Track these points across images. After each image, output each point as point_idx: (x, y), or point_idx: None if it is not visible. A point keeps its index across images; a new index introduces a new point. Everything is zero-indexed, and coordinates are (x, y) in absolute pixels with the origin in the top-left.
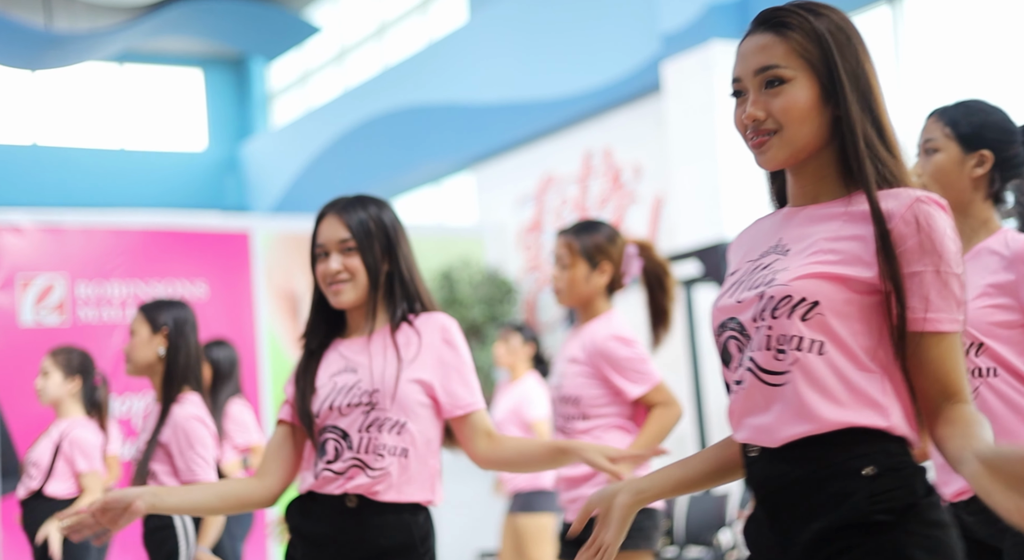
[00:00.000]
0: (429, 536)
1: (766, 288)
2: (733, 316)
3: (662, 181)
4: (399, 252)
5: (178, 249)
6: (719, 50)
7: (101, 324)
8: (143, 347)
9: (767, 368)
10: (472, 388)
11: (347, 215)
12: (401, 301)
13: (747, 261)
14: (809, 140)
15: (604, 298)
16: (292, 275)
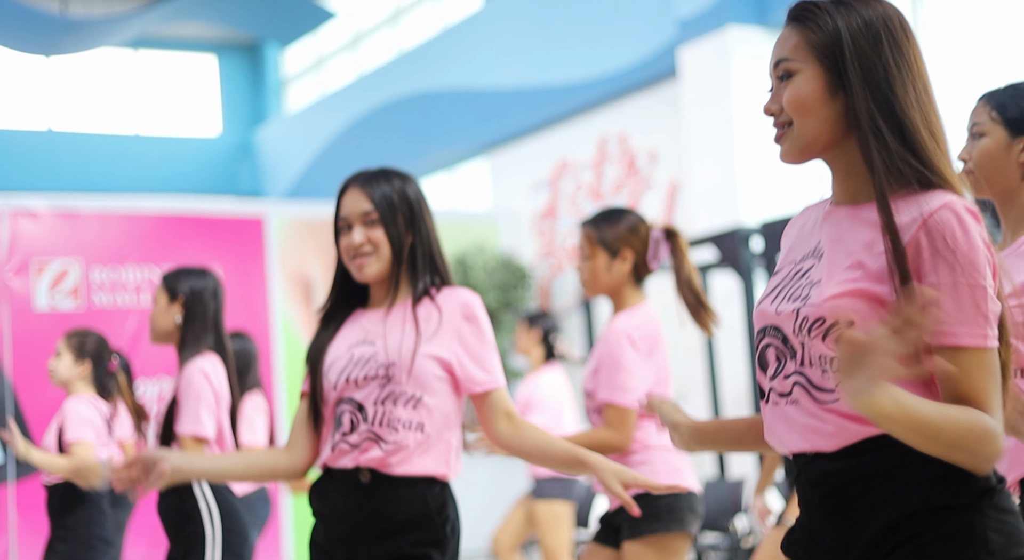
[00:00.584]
0: (446, 507)
1: (801, 306)
2: (774, 324)
3: (678, 167)
4: (423, 225)
5: (192, 234)
6: (736, 35)
7: (115, 309)
8: (162, 315)
9: (819, 385)
10: (490, 366)
11: (370, 188)
12: (424, 275)
13: (790, 261)
14: (818, 133)
15: (632, 286)
16: (306, 261)
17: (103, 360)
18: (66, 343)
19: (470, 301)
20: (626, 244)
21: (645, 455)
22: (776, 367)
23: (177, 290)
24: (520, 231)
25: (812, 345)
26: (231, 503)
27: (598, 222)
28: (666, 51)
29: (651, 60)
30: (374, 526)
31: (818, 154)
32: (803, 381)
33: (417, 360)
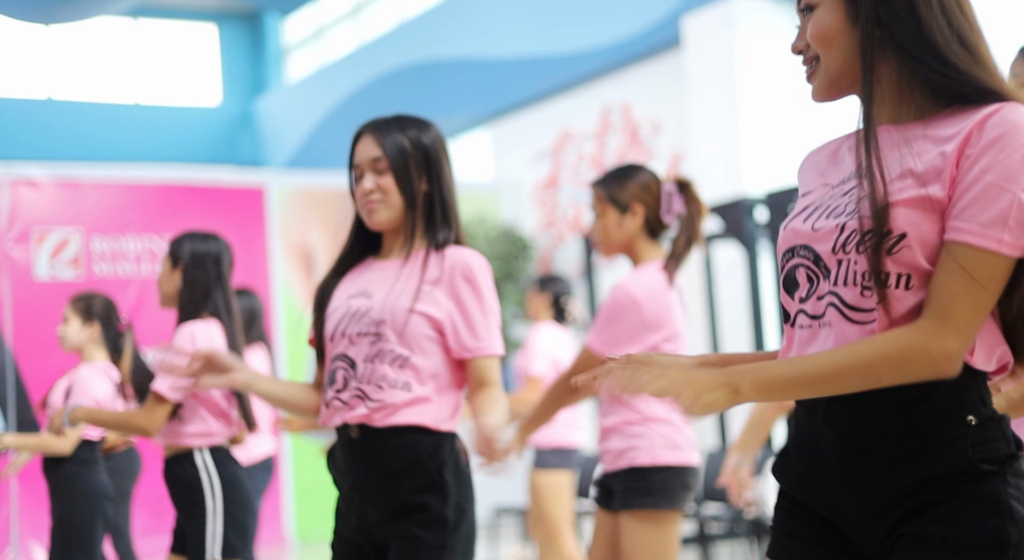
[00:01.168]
0: (440, 451)
1: (848, 219)
2: (807, 244)
3: (681, 137)
4: (439, 173)
5: (193, 204)
6: (741, 5)
7: (116, 278)
8: (165, 280)
9: (855, 305)
10: (479, 332)
11: (381, 134)
12: (443, 226)
13: (824, 185)
14: (844, 64)
15: (647, 242)
16: (307, 231)
17: (112, 321)
18: (72, 307)
19: (473, 263)
20: (636, 199)
21: (643, 428)
22: (808, 288)
23: (178, 254)
24: (521, 202)
25: (855, 260)
26: (233, 472)
27: (607, 180)
28: (670, 20)
29: (655, 29)
30: (371, 480)
31: (848, 89)
32: (836, 301)
33: (410, 320)
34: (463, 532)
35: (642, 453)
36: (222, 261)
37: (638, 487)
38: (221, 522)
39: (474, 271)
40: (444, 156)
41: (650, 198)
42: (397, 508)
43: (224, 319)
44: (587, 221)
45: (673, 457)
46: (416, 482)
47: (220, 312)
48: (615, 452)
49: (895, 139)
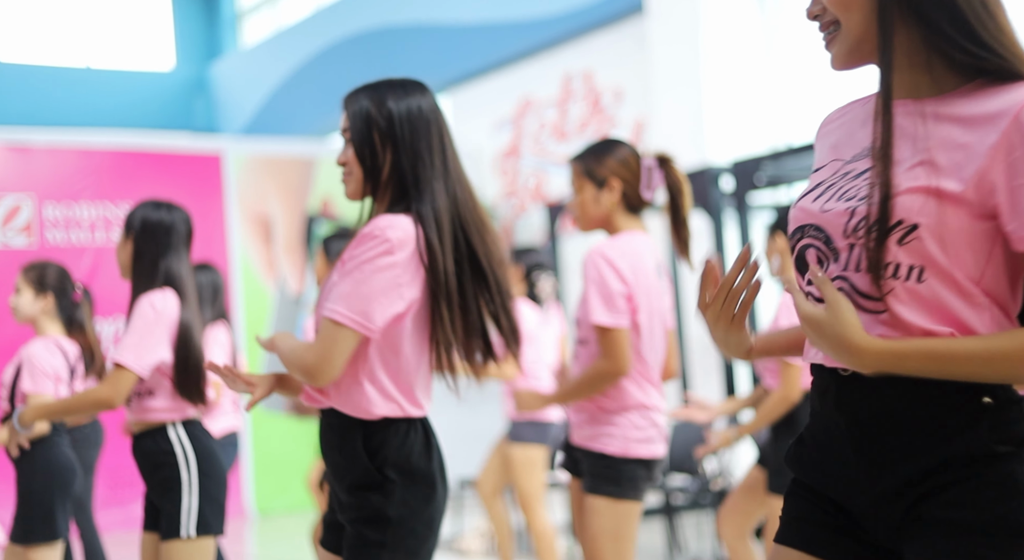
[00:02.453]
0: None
1: (859, 204)
2: (816, 224)
3: (644, 105)
4: (405, 143)
5: (148, 171)
6: None
7: (70, 246)
8: (120, 251)
9: (867, 292)
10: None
11: (349, 102)
12: (400, 199)
13: (836, 159)
14: (865, 29)
15: (625, 216)
16: (265, 198)
17: (66, 292)
18: (24, 277)
19: (367, 228)
20: (613, 174)
21: (620, 417)
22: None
23: (131, 224)
24: (482, 170)
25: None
26: (207, 446)
27: (584, 155)
28: None
29: None
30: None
31: (869, 56)
32: (847, 287)
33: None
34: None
35: (614, 442)
36: (173, 231)
37: (606, 474)
38: (197, 497)
39: (360, 236)
40: (416, 123)
41: (628, 173)
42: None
43: (179, 289)
44: (549, 190)
45: (643, 450)
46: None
47: (174, 282)
48: (587, 433)
49: (913, 117)
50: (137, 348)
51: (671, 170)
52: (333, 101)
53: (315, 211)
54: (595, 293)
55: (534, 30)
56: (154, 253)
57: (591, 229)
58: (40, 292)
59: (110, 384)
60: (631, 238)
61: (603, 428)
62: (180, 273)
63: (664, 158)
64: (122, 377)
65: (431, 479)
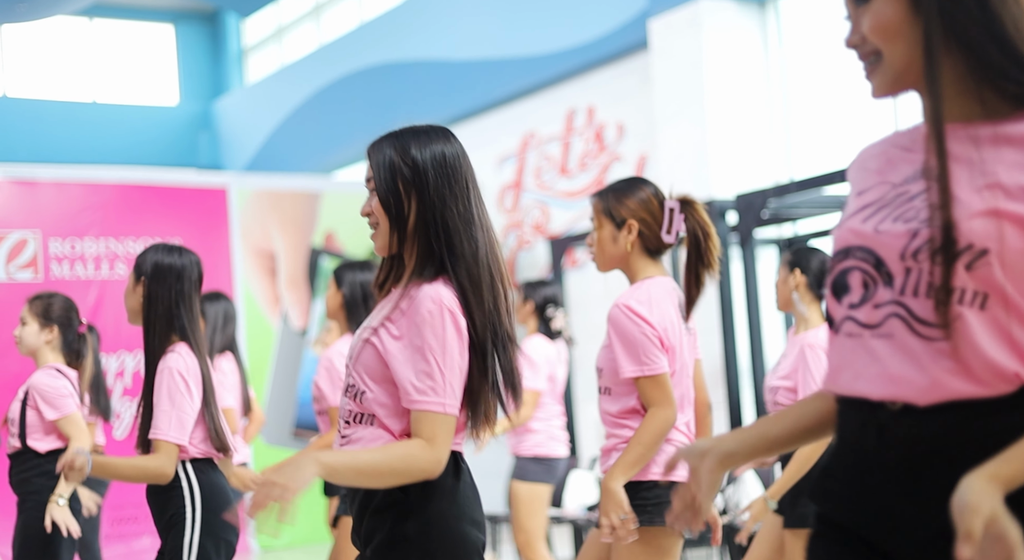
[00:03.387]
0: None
1: (921, 226)
2: (867, 246)
3: (647, 140)
4: (429, 193)
5: (154, 205)
6: (707, 7)
7: (75, 280)
8: (129, 295)
9: (924, 318)
10: (413, 384)
11: (374, 150)
12: (431, 251)
13: (885, 182)
14: (910, 59)
15: (645, 259)
16: (270, 233)
17: (72, 324)
18: (30, 309)
19: (423, 301)
20: (632, 214)
21: None
22: (862, 294)
23: (140, 268)
24: (487, 204)
25: (929, 271)
26: (216, 482)
27: (605, 193)
28: (637, 22)
29: (621, 31)
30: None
31: (913, 82)
32: (903, 313)
33: (362, 352)
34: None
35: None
36: (185, 276)
37: (634, 504)
38: (199, 533)
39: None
40: (441, 171)
41: (648, 215)
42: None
43: (191, 340)
44: (552, 225)
45: (674, 474)
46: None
47: (186, 332)
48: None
49: (965, 142)
50: (180, 421)
51: (697, 213)
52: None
53: (319, 245)
54: (621, 347)
55: (538, 66)
56: (167, 299)
57: (609, 268)
58: (45, 324)
59: (163, 459)
60: (650, 284)
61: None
62: (194, 323)
63: (688, 201)
64: (171, 451)
65: (457, 499)
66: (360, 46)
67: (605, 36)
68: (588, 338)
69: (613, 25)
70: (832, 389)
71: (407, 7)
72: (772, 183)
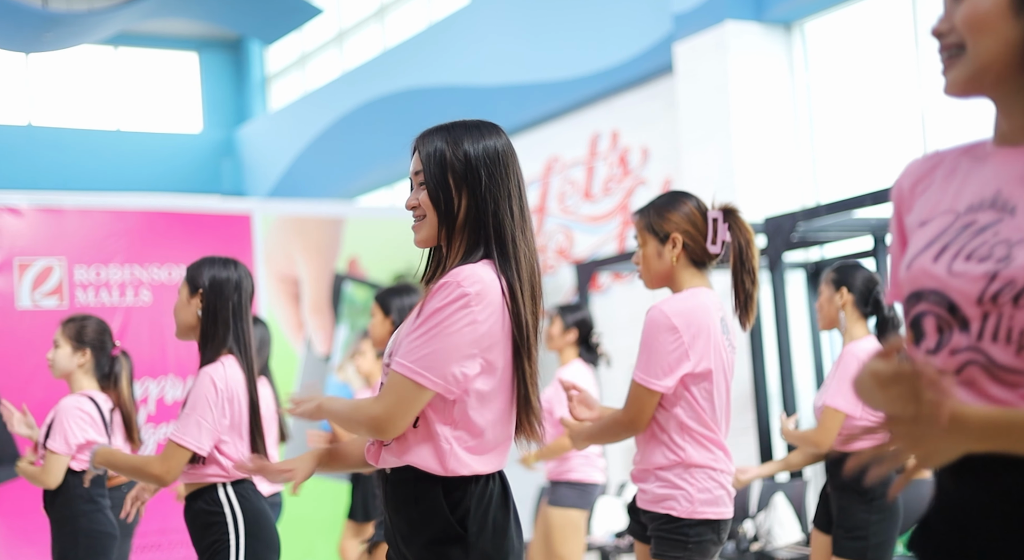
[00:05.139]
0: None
1: (1001, 267)
2: (939, 290)
3: (671, 164)
4: (481, 187)
5: (178, 232)
6: (733, 31)
7: (100, 307)
8: (183, 309)
9: (1009, 366)
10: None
11: (423, 143)
12: (479, 244)
13: (949, 211)
14: (994, 57)
15: (691, 272)
16: (293, 259)
17: (104, 347)
18: (63, 332)
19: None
20: (676, 228)
21: (685, 476)
22: (937, 340)
23: (197, 282)
24: None
25: (1010, 315)
26: (258, 507)
27: (647, 209)
28: (662, 47)
29: (646, 56)
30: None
31: (988, 86)
32: (982, 359)
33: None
34: None
35: (681, 504)
36: (242, 288)
37: (672, 538)
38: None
39: (434, 296)
40: (493, 168)
41: (691, 227)
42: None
43: (242, 354)
44: (576, 249)
45: (711, 512)
46: (433, 533)
47: (240, 346)
48: (652, 495)
49: None
50: (199, 427)
51: (738, 222)
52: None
53: (343, 271)
54: (643, 350)
55: (562, 91)
56: (224, 313)
57: (657, 285)
58: (78, 347)
59: (163, 461)
60: (694, 294)
61: (669, 490)
62: (247, 337)
63: (730, 210)
64: (177, 454)
65: (508, 532)
66: (383, 72)
67: (630, 60)
68: (614, 364)
69: (638, 49)
70: None
71: (430, 32)
72: (799, 207)
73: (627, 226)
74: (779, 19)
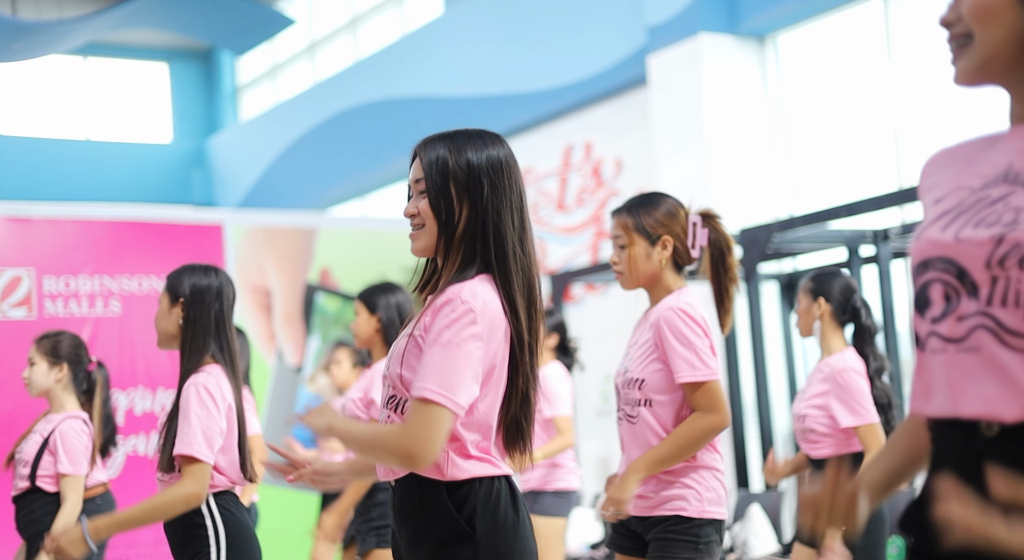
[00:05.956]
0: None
1: (1008, 230)
2: (948, 256)
3: (645, 175)
4: (484, 198)
5: (148, 242)
6: (706, 42)
7: (69, 317)
8: (163, 318)
9: (1015, 329)
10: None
11: (426, 150)
12: (477, 256)
13: (962, 187)
14: (1001, 46)
15: (673, 274)
16: (265, 270)
17: (81, 361)
18: (38, 349)
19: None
20: (666, 229)
21: (695, 476)
22: (944, 307)
23: (178, 290)
24: None
25: (1018, 279)
26: (240, 519)
27: (634, 208)
28: (636, 59)
29: (620, 68)
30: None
31: (997, 74)
32: (990, 323)
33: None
34: None
35: (692, 504)
36: (224, 295)
37: (682, 539)
38: None
39: (441, 308)
40: (496, 178)
41: (680, 229)
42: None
43: (228, 362)
44: (550, 260)
45: (717, 511)
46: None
47: (225, 354)
48: (656, 499)
49: None
50: (207, 438)
51: (717, 227)
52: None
53: (314, 282)
54: (679, 349)
55: (536, 103)
56: (205, 321)
57: (638, 286)
58: (55, 362)
59: (193, 480)
60: (691, 293)
61: (678, 490)
62: (231, 346)
63: (709, 214)
64: (200, 470)
65: (521, 532)
66: (356, 83)
67: (604, 72)
68: (587, 374)
69: (612, 61)
70: (922, 412)
71: (403, 44)
72: (772, 218)
73: (600, 237)
74: (753, 32)
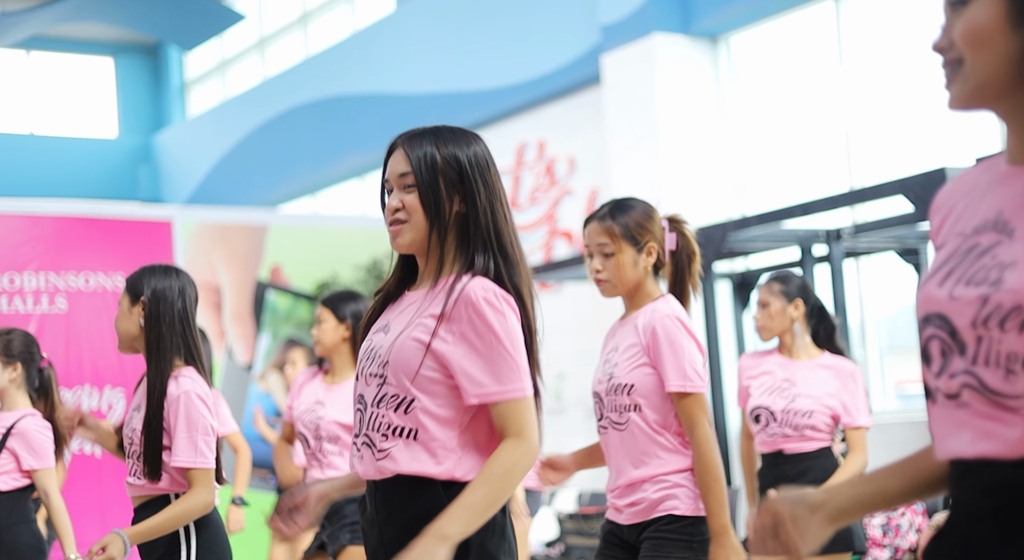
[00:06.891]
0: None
1: (992, 291)
2: (941, 313)
3: (599, 174)
4: (476, 193)
5: (95, 239)
6: (660, 42)
7: (14, 314)
8: (124, 319)
9: (996, 389)
10: (489, 373)
11: (411, 146)
12: (480, 251)
13: (957, 234)
14: (994, 72)
15: (654, 281)
16: (214, 267)
17: (34, 359)
18: None
19: (479, 293)
20: (652, 237)
21: (684, 477)
22: (941, 363)
23: (138, 291)
24: None
25: (999, 339)
26: (211, 518)
27: (617, 214)
28: (589, 58)
29: (573, 67)
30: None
31: (991, 100)
32: (974, 383)
33: (405, 355)
34: None
35: (683, 502)
36: (186, 296)
37: (676, 538)
38: None
39: (480, 304)
40: (486, 175)
41: (660, 234)
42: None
43: (198, 363)
44: None
45: (703, 509)
46: None
47: (194, 355)
48: (647, 503)
49: None
50: (208, 445)
51: (684, 233)
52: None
53: (265, 279)
54: (672, 358)
55: (487, 101)
56: (170, 321)
57: (622, 294)
58: (8, 362)
59: (204, 488)
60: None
61: (669, 490)
62: (199, 344)
63: (675, 220)
64: (207, 476)
65: (507, 535)
66: (306, 80)
67: (557, 70)
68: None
69: (565, 60)
70: (939, 455)
71: (355, 40)
72: (724, 217)
73: (553, 236)
74: (706, 32)
